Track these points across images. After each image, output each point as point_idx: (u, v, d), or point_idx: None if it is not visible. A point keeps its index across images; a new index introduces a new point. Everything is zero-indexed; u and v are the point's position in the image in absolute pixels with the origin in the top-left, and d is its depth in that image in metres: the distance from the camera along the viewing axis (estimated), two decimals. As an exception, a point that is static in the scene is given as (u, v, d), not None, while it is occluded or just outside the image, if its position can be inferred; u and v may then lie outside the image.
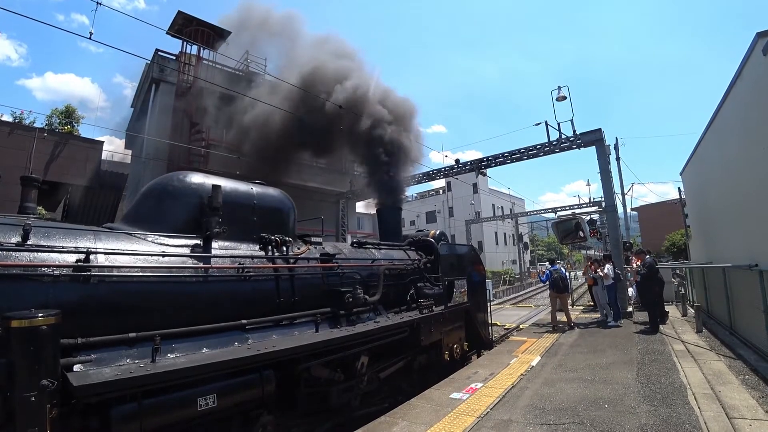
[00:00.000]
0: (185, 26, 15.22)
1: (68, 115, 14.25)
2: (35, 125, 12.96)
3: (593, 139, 12.29)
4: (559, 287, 10.13)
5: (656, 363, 6.34)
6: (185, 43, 15.46)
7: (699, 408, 4.44)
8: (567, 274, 10.63)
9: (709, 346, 7.44)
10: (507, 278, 35.23)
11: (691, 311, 10.78)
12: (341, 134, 10.34)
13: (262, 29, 16.18)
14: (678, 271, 15.05)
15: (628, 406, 4.58)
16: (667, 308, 10.58)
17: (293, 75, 11.60)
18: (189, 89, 14.82)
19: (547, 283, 10.62)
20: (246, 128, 13.16)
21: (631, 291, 12.06)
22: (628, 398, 4.82)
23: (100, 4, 6.60)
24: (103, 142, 13.72)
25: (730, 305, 8.32)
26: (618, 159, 17.90)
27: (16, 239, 3.03)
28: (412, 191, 46.00)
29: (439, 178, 18.04)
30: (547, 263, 13.10)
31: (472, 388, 5.53)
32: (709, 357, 6.70)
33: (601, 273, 10.45)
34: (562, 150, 13.17)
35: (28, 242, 3.06)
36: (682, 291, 12.91)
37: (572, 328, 9.79)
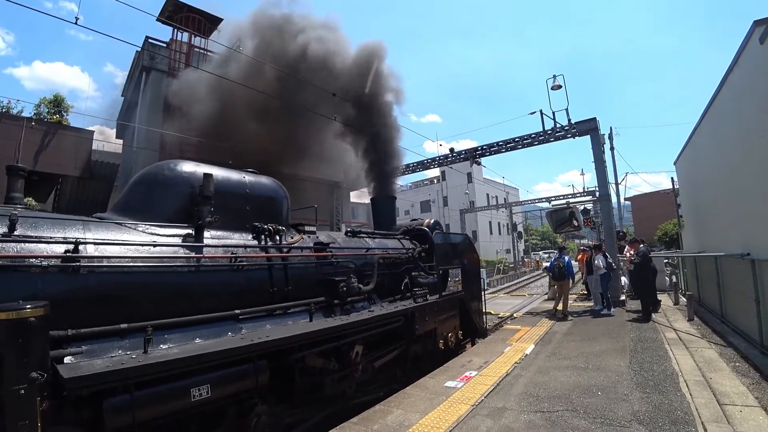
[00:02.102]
0: (176, 13, 14.89)
1: (57, 104, 13.95)
2: (23, 115, 12.70)
3: (588, 128, 12.26)
4: (555, 274, 10.34)
5: (649, 351, 6.40)
6: (176, 30, 15.14)
7: (691, 395, 4.49)
8: (570, 262, 10.78)
9: (700, 334, 7.53)
10: (501, 267, 35.45)
11: (683, 300, 10.90)
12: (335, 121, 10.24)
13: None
14: (670, 260, 15.17)
15: (620, 393, 4.62)
16: (659, 297, 10.67)
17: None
18: (180, 77, 14.55)
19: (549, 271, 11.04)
20: (237, 115, 12.97)
21: (624, 280, 12.16)
22: (620, 385, 4.87)
23: (87, -13, 6.42)
24: (94, 131, 13.53)
25: (721, 294, 8.39)
26: (612, 148, 17.90)
27: (2, 230, 2.96)
28: (406, 180, 45.85)
29: (434, 168, 18.00)
30: (555, 251, 13.30)
31: (466, 376, 5.56)
32: (701, 345, 6.79)
33: (594, 262, 10.55)
34: (557, 139, 13.14)
35: (15, 233, 2.99)
36: (675, 280, 13.02)
37: (565, 316, 9.86)
